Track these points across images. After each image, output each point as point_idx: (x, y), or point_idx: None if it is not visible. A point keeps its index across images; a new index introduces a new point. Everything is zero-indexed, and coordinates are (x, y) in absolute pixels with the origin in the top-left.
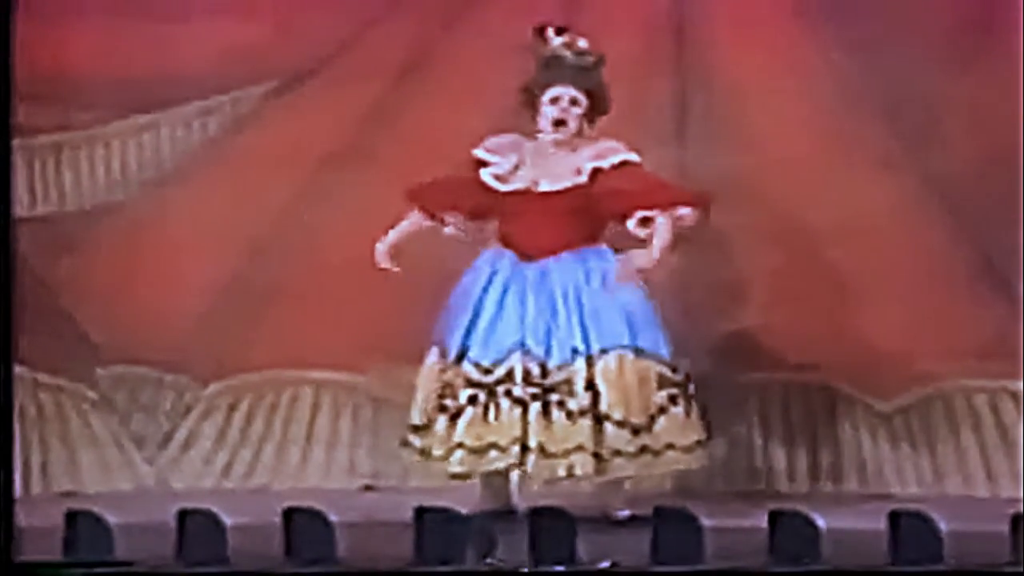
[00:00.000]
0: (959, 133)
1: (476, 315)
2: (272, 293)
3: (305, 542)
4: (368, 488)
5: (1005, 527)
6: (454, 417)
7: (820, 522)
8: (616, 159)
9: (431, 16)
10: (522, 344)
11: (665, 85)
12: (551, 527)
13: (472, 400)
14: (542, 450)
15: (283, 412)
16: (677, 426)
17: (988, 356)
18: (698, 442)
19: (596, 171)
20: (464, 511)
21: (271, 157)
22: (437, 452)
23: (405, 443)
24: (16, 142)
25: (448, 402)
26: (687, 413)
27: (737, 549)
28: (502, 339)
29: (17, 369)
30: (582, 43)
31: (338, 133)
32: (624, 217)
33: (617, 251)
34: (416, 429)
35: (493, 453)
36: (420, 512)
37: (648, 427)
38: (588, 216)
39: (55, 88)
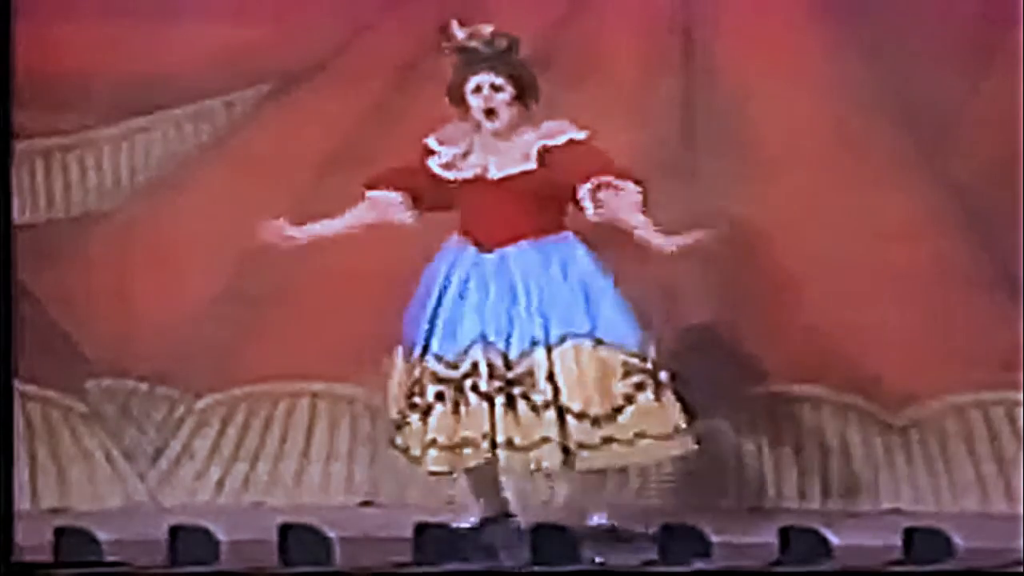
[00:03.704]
0: (973, 137)
1: (437, 310)
2: (267, 302)
3: (302, 559)
4: (366, 503)
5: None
6: (425, 414)
7: (832, 538)
8: (564, 138)
9: (427, 17)
10: (483, 336)
11: (671, 86)
12: (553, 542)
13: (439, 396)
14: (510, 444)
15: (278, 425)
16: (648, 414)
17: (1006, 367)
18: (677, 429)
19: (545, 151)
20: (465, 526)
21: (266, 161)
22: (415, 451)
23: (393, 443)
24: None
25: (417, 400)
26: (657, 399)
27: (746, 566)
28: (464, 333)
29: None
30: (487, 30)
31: (334, 136)
32: (575, 193)
33: (577, 234)
34: (397, 427)
35: (467, 450)
36: (420, 528)
37: (612, 418)
38: (544, 201)
39: (45, 91)
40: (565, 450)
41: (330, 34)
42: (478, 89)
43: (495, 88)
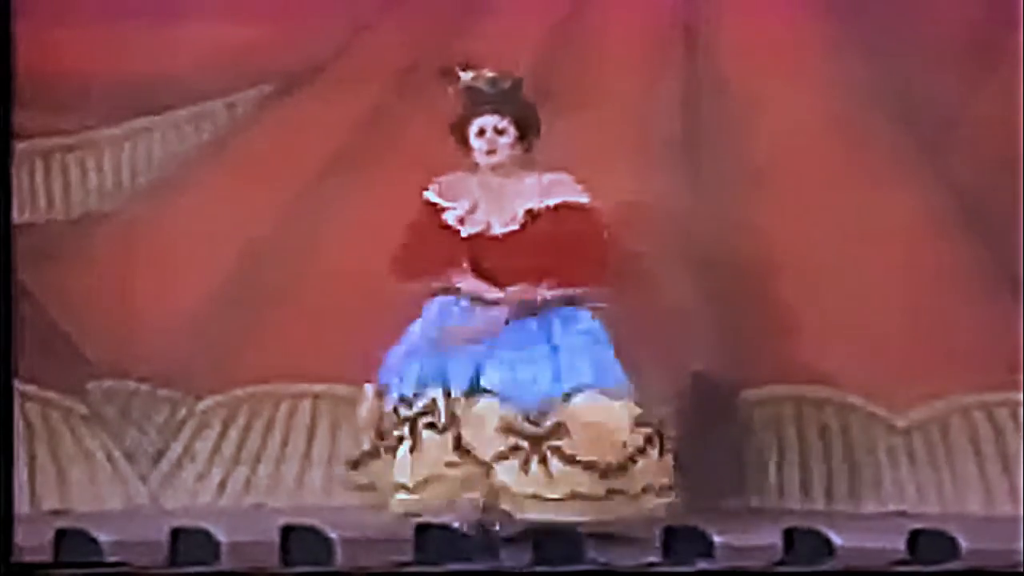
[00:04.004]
0: (976, 139)
1: (410, 355)
2: (268, 303)
3: (303, 560)
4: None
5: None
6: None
7: (836, 540)
8: (556, 200)
9: (429, 19)
10: (443, 377)
11: (673, 88)
12: (556, 541)
13: (400, 440)
14: (536, 497)
15: (280, 427)
16: (651, 468)
17: (1010, 369)
18: (668, 485)
19: (532, 212)
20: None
21: (267, 163)
22: (382, 486)
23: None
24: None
25: (389, 441)
26: (661, 454)
27: (749, 567)
28: (424, 373)
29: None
30: (488, 72)
31: (335, 138)
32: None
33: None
34: (354, 464)
35: (430, 485)
36: (421, 529)
37: (623, 470)
38: (538, 254)
39: (46, 92)
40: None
41: (331, 35)
42: (481, 132)
43: (498, 131)
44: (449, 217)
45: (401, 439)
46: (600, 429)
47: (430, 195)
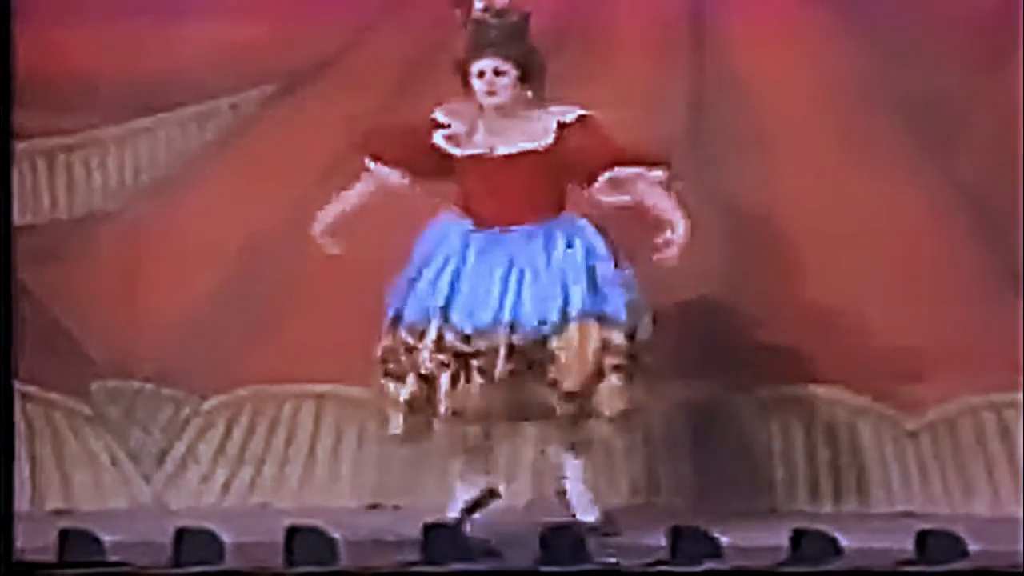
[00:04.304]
0: (984, 135)
1: (414, 281)
2: (273, 302)
3: (308, 561)
4: (374, 506)
5: None
6: (400, 380)
7: (843, 541)
8: (575, 114)
9: (433, 16)
10: (447, 309)
11: (679, 77)
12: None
13: (443, 365)
14: (456, 414)
15: (285, 427)
16: (609, 394)
17: (1018, 369)
18: (628, 412)
19: (560, 127)
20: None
21: (271, 162)
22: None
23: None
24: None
25: (392, 366)
26: (628, 380)
27: (757, 569)
28: (428, 304)
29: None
30: (499, 2)
31: (339, 137)
32: (590, 176)
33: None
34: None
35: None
36: (428, 530)
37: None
38: (548, 181)
39: (49, 91)
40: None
41: (335, 34)
42: (481, 74)
43: (497, 72)
44: (438, 136)
45: (444, 366)
46: (572, 353)
47: (437, 114)
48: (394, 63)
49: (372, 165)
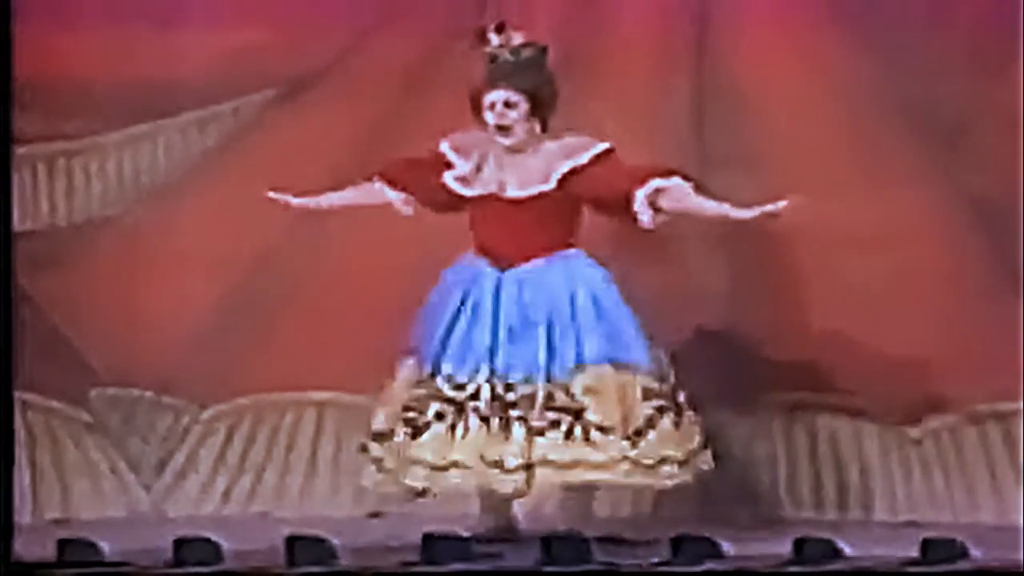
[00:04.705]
0: (992, 142)
1: (451, 328)
2: (273, 310)
3: (309, 570)
4: (374, 515)
5: None
6: (416, 433)
7: (847, 550)
8: (589, 154)
9: (435, 22)
10: (491, 358)
11: (683, 88)
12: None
13: (439, 416)
14: (498, 464)
15: (285, 435)
16: (669, 439)
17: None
18: (694, 452)
19: (571, 171)
20: (467, 533)
21: (272, 167)
22: (389, 464)
23: (364, 448)
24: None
25: (413, 415)
26: (677, 424)
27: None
28: (472, 353)
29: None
30: (517, 39)
31: (340, 142)
32: (620, 203)
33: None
34: (377, 436)
35: (454, 472)
36: (428, 539)
37: (635, 442)
38: (560, 218)
39: (49, 97)
40: (596, 468)
41: (336, 39)
42: (492, 106)
43: (508, 105)
44: (448, 177)
45: (440, 416)
46: (613, 399)
47: (444, 147)
48: (395, 68)
49: (378, 184)
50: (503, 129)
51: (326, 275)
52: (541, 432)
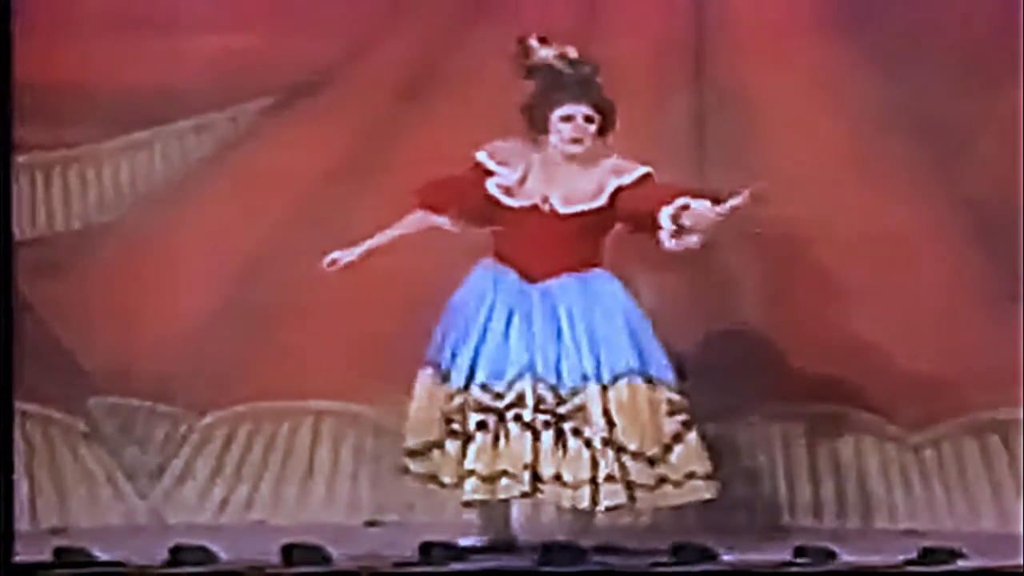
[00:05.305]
0: (990, 152)
1: (483, 337)
2: (270, 319)
3: (304, 571)
4: (371, 523)
5: None
6: (465, 443)
7: (846, 558)
8: (635, 175)
9: (432, 30)
10: (532, 368)
11: (682, 101)
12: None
13: (481, 426)
14: (558, 478)
15: (282, 443)
16: (694, 453)
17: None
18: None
19: (618, 189)
20: (467, 544)
21: (268, 174)
22: (447, 479)
23: (405, 470)
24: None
25: (457, 427)
26: (701, 438)
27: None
28: (511, 362)
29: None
30: (572, 52)
31: (337, 149)
32: (649, 218)
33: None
34: (414, 454)
35: (504, 481)
36: (426, 547)
37: (664, 457)
38: (596, 235)
39: (47, 104)
40: (628, 486)
41: (333, 47)
42: (568, 118)
43: (587, 119)
44: (490, 185)
45: (482, 425)
46: (646, 416)
47: (482, 156)
48: (392, 76)
49: (421, 213)
50: (576, 142)
51: (323, 283)
52: (588, 443)
